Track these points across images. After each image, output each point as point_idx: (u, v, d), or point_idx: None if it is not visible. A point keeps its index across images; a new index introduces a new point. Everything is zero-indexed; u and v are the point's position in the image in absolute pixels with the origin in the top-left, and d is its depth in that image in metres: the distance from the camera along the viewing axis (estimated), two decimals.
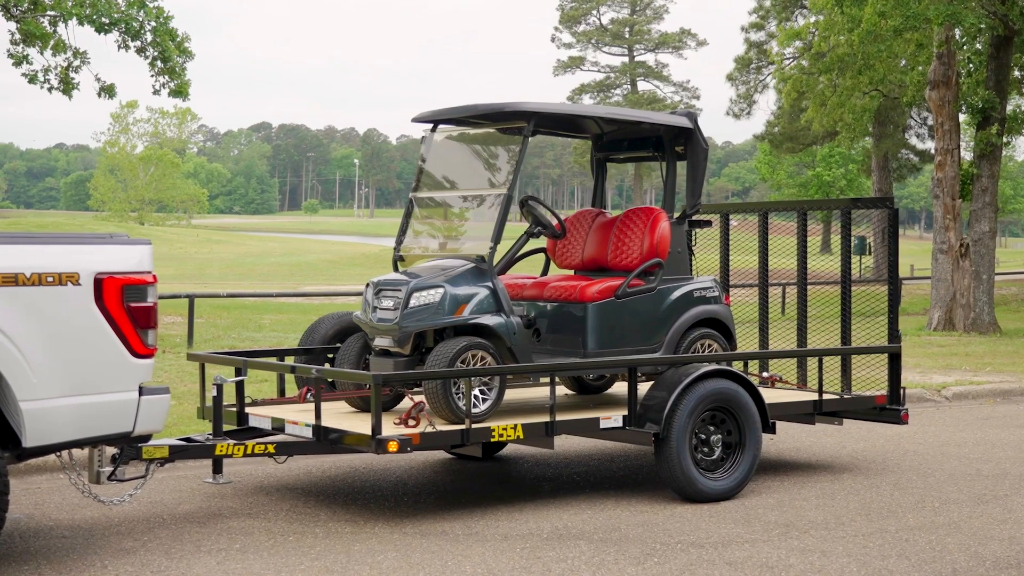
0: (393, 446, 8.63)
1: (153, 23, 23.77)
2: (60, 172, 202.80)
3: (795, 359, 11.96)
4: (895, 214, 11.16)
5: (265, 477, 10.74)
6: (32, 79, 24.08)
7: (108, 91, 24.18)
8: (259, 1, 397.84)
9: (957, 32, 24.89)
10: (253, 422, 9.84)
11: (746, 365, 11.07)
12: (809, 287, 12.19)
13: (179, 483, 10.42)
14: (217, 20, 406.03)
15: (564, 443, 12.25)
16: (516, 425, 9.27)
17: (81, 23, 23.51)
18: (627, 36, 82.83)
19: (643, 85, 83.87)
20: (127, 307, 7.74)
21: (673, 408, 9.62)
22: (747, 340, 12.59)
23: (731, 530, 8.90)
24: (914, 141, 47.83)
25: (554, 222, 10.53)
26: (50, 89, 24.37)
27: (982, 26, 23.49)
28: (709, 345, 10.61)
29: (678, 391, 9.65)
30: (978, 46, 25.33)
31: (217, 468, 9.38)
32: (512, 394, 10.74)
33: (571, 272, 11.22)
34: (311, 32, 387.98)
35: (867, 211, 12.20)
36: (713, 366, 9.95)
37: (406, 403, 9.75)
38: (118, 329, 7.71)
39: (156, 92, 24.31)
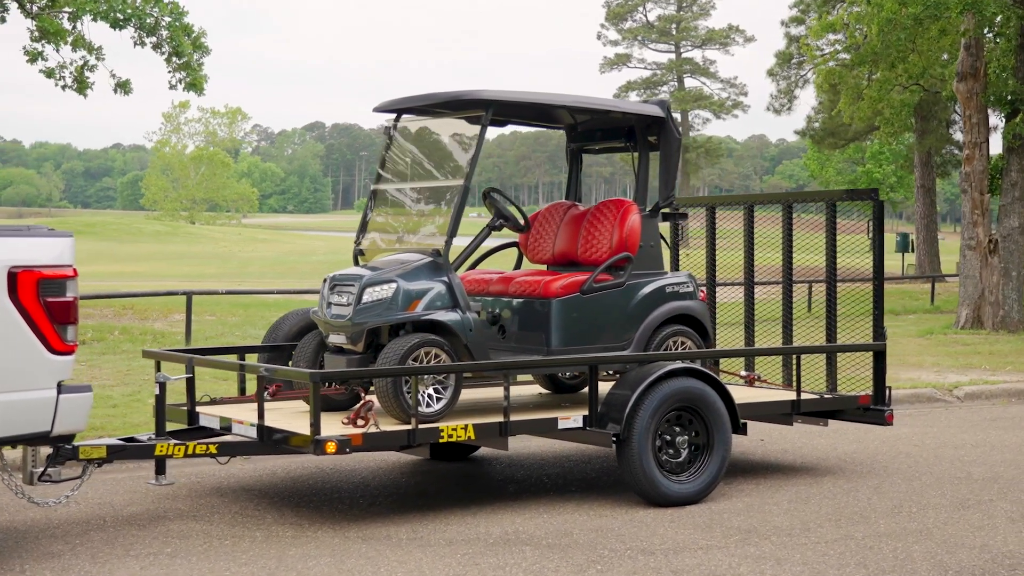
0: (331, 447, 8.31)
1: (168, 18, 23.62)
2: (117, 172, 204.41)
3: (781, 358, 11.49)
4: (880, 206, 10.69)
5: (226, 478, 10.46)
6: (49, 74, 23.98)
7: (123, 87, 24.03)
8: (314, 1, 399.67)
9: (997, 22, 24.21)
10: (203, 421, 9.55)
11: (717, 363, 10.63)
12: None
13: (135, 483, 10.15)
14: (272, 20, 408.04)
15: (543, 444, 11.88)
16: (467, 425, 8.92)
17: (95, 19, 23.40)
18: (674, 33, 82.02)
19: (690, 82, 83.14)
20: (44, 302, 7.45)
21: (634, 408, 9.23)
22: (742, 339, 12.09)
23: (688, 536, 8.50)
24: (958, 136, 46.90)
25: (518, 215, 10.16)
26: (64, 87, 24.27)
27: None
28: (683, 343, 10.20)
29: (639, 390, 9.25)
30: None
31: (160, 469, 9.08)
32: (476, 394, 10.40)
33: (544, 267, 10.87)
34: (364, 32, 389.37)
35: (908, 207, 11.71)
36: (677, 364, 9.54)
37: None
38: (34, 325, 7.43)
39: (172, 87, 24.15)
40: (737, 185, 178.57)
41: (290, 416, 9.36)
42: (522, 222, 10.17)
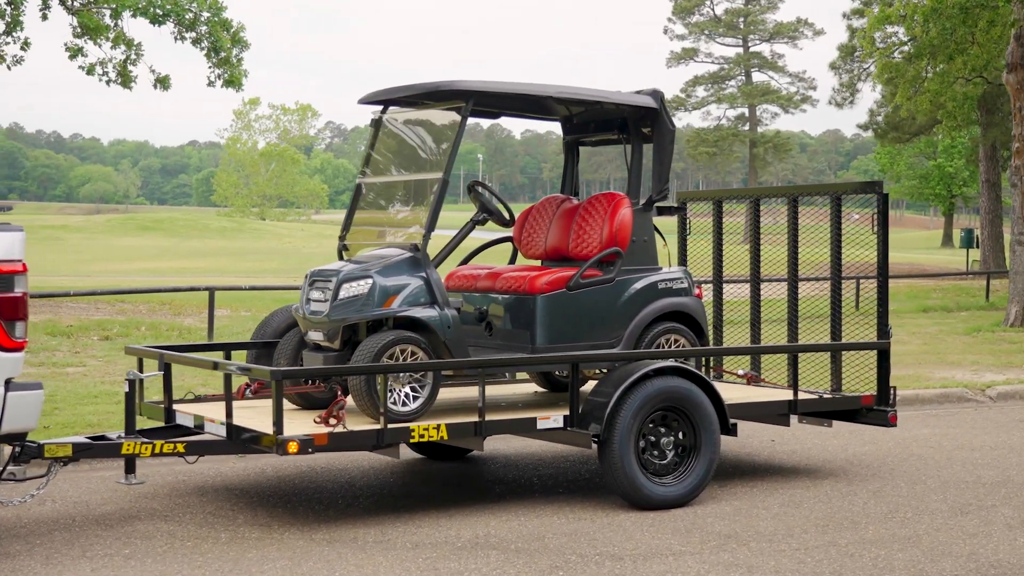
0: (293, 447, 8.11)
1: (206, 13, 23.62)
2: (193, 168, 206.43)
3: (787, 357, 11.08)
4: (885, 199, 10.28)
5: (212, 476, 10.29)
6: (90, 70, 24.07)
7: (162, 83, 24.11)
8: (390, 1, 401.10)
9: None
10: (179, 420, 9.39)
11: (708, 362, 10.25)
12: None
13: (115, 483, 9.98)
14: (348, 19, 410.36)
15: (544, 445, 11.58)
16: (439, 425, 8.67)
17: (135, 15, 23.46)
18: (741, 26, 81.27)
19: (758, 76, 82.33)
20: None
21: (616, 408, 8.93)
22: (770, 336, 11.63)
23: (664, 541, 8.20)
24: None
25: (502, 209, 9.88)
26: (108, 82, 24.34)
27: None
28: (676, 340, 9.88)
29: (621, 390, 8.94)
30: None
31: (129, 468, 8.91)
32: (460, 393, 10.15)
33: (538, 263, 10.60)
34: (438, 31, 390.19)
35: (975, 202, 11.24)
36: (662, 363, 9.22)
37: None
38: None
39: (211, 84, 24.12)
40: (811, 181, 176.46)
41: (268, 414, 9.16)
42: (507, 216, 9.90)
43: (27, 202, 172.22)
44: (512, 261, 10.91)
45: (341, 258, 9.85)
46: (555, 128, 9.66)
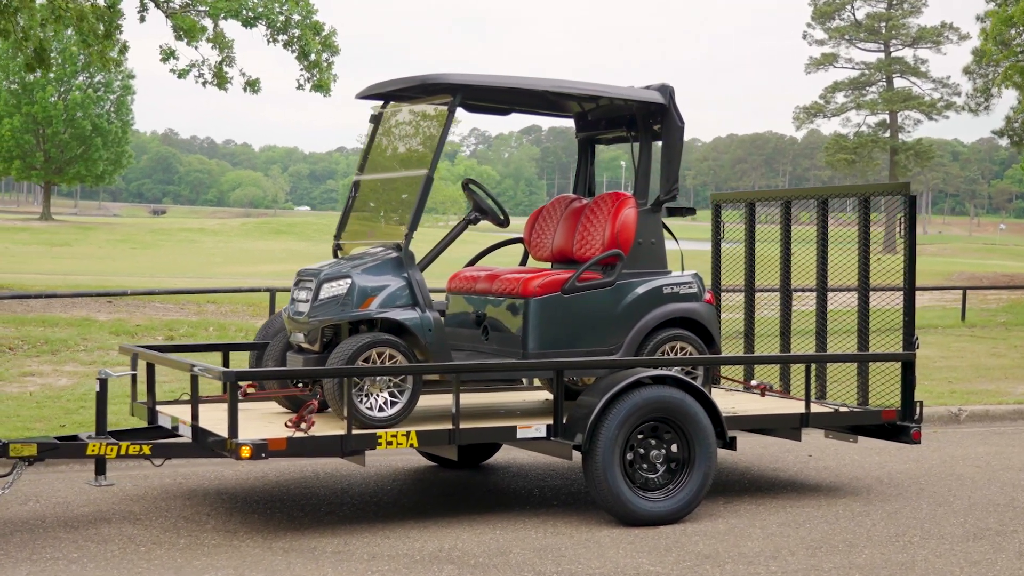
0: (245, 451, 7.81)
1: (297, 16, 23.59)
2: (340, 174, 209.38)
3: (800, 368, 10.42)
4: (912, 202, 9.63)
5: (212, 480, 10.07)
6: (181, 74, 24.18)
7: (252, 85, 24.11)
8: (537, 9, 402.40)
9: None
10: (160, 421, 9.18)
11: (708, 371, 9.66)
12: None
13: (116, 483, 9.80)
14: (496, 27, 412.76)
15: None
16: (409, 432, 8.29)
17: (226, 18, 23.54)
18: (883, 31, 79.36)
19: (899, 82, 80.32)
20: None
21: (599, 417, 8.46)
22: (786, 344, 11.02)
23: (635, 560, 7.71)
24: None
25: (496, 209, 9.47)
26: (204, 84, 24.43)
27: None
28: (682, 348, 9.37)
29: (605, 399, 8.48)
30: None
31: (100, 469, 8.70)
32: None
33: (548, 265, 10.18)
34: (584, 38, 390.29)
35: None
36: (651, 371, 8.72)
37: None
38: None
39: (300, 87, 24.08)
40: (963, 190, 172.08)
41: (253, 418, 8.93)
42: (501, 216, 9.49)
43: (180, 206, 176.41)
44: (523, 263, 10.51)
45: (335, 257, 9.55)
46: (699, 135, 9.21)
